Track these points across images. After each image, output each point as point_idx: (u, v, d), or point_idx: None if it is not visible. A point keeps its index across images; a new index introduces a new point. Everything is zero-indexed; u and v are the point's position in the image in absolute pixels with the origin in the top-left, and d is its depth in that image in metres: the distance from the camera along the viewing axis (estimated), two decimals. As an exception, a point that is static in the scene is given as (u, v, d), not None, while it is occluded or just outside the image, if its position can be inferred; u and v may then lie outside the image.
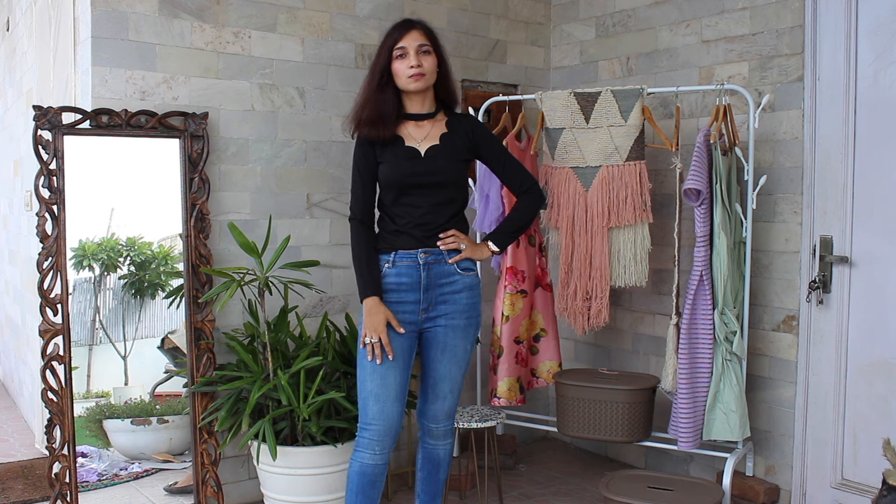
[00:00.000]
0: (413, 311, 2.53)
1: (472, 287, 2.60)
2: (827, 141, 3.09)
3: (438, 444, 2.70)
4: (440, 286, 2.54)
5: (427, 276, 2.52)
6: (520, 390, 3.60)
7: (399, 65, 2.47)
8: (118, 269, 3.12)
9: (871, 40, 2.95)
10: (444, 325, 2.55)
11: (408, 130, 2.54)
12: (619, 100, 3.28)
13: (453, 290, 2.56)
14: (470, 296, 2.59)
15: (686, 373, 3.11)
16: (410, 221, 2.51)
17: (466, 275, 2.58)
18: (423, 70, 2.46)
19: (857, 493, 3.01)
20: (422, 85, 2.49)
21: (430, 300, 2.54)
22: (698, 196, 3.03)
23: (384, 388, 2.47)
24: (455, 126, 2.58)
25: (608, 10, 3.95)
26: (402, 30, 2.48)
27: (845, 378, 3.06)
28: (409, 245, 2.51)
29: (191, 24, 3.11)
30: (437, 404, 2.63)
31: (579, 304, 3.42)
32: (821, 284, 3.10)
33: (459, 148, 2.55)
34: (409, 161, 2.51)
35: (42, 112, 2.80)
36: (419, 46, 2.47)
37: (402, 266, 2.52)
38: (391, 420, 2.49)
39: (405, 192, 2.52)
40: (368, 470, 2.50)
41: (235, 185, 3.25)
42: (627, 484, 2.92)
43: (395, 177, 2.51)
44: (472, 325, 2.61)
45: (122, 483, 3.08)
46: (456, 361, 2.59)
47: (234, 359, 3.12)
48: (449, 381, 2.61)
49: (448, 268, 2.54)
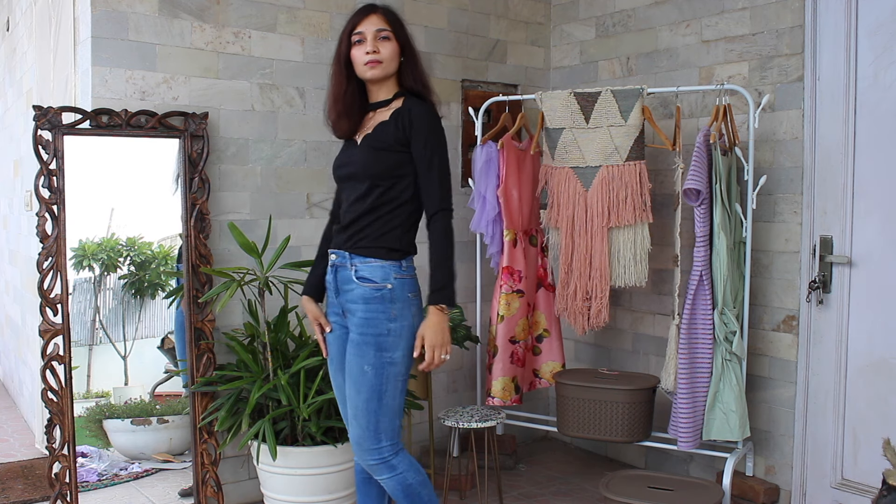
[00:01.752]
0: (338, 312, 2.38)
1: (369, 300, 2.26)
2: (827, 141, 3.09)
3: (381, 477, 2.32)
4: (344, 292, 2.33)
5: (335, 279, 2.35)
6: (515, 390, 3.60)
7: (357, 51, 2.30)
8: (118, 269, 3.12)
9: (871, 40, 2.95)
10: (348, 337, 2.34)
11: (365, 122, 2.37)
12: (619, 100, 3.28)
13: (351, 300, 2.30)
14: (366, 310, 2.26)
15: (686, 373, 3.11)
16: (339, 218, 2.39)
17: (363, 285, 2.27)
18: (380, 57, 2.27)
19: (857, 493, 3.01)
20: (379, 73, 2.29)
21: (342, 306, 2.35)
22: (698, 196, 3.03)
23: (336, 389, 2.46)
24: (400, 115, 2.29)
25: (608, 10, 3.95)
26: (361, 15, 2.32)
27: (845, 378, 3.06)
28: (333, 244, 2.39)
29: (191, 24, 3.11)
30: (350, 430, 2.34)
31: (579, 304, 3.42)
32: (821, 284, 3.10)
33: (387, 137, 2.27)
34: (343, 153, 2.39)
35: (42, 112, 2.80)
36: (377, 32, 2.28)
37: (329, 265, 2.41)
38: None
39: (339, 186, 2.42)
40: (357, 467, 2.51)
41: (235, 185, 3.25)
42: (627, 484, 2.92)
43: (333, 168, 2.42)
44: (370, 343, 2.25)
45: (122, 483, 3.08)
46: (352, 381, 2.28)
47: (234, 359, 3.12)
48: (352, 405, 2.28)
49: (347, 273, 2.30)
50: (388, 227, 2.28)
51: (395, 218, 2.29)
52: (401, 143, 2.27)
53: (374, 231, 2.28)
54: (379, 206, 2.27)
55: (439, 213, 2.26)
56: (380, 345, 2.25)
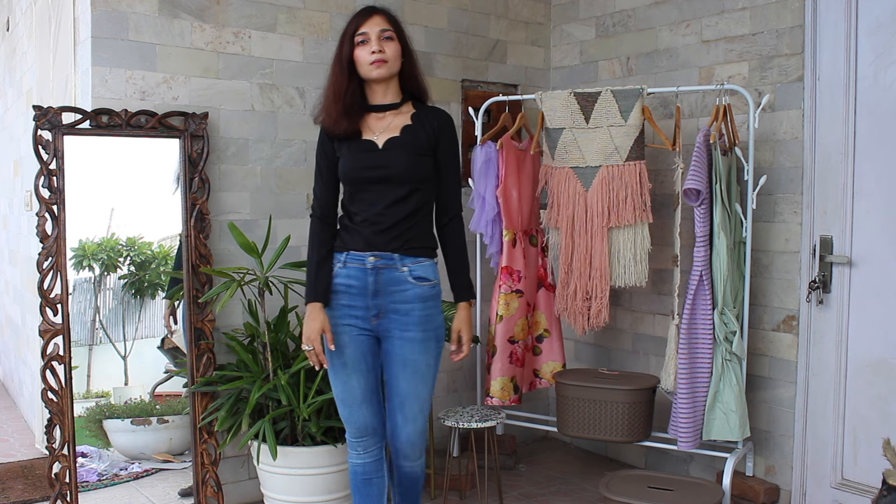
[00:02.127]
0: (363, 316, 2.39)
1: (426, 298, 2.39)
2: (827, 141, 3.09)
3: (415, 463, 2.49)
4: (390, 293, 2.37)
5: (375, 281, 2.36)
6: (514, 390, 3.60)
7: (361, 52, 2.33)
8: (118, 269, 3.12)
9: (871, 40, 2.95)
10: (400, 337, 2.38)
11: (368, 123, 2.39)
12: (619, 100, 3.28)
13: (404, 300, 2.37)
14: (424, 307, 2.38)
15: (686, 373, 3.11)
16: (365, 220, 2.36)
17: (419, 284, 2.37)
18: (385, 57, 2.32)
19: (857, 493, 3.01)
20: (384, 72, 2.33)
21: (381, 307, 2.38)
22: (698, 196, 3.03)
23: (348, 392, 2.41)
24: (422, 119, 2.40)
25: (608, 10, 3.95)
26: (364, 16, 2.35)
27: (845, 378, 3.06)
28: (359, 246, 2.37)
29: (191, 24, 3.11)
30: (406, 428, 2.41)
31: (579, 304, 3.42)
32: (821, 284, 3.10)
33: (421, 142, 2.37)
34: (364, 154, 2.36)
35: (42, 112, 2.80)
36: (381, 32, 2.32)
37: (352, 268, 2.38)
38: (363, 423, 2.43)
39: (361, 188, 2.37)
40: (359, 469, 2.49)
41: (235, 185, 3.25)
42: (627, 484, 2.92)
43: (350, 171, 2.37)
44: (432, 338, 2.40)
45: (122, 483, 3.08)
46: (420, 378, 2.39)
47: (234, 359, 3.12)
48: (417, 401, 2.40)
49: (399, 275, 2.36)
50: (428, 227, 2.43)
51: (430, 218, 2.44)
52: (431, 149, 2.40)
53: (420, 231, 2.39)
54: (421, 208, 2.39)
55: (458, 216, 2.47)
56: (439, 338, 2.43)
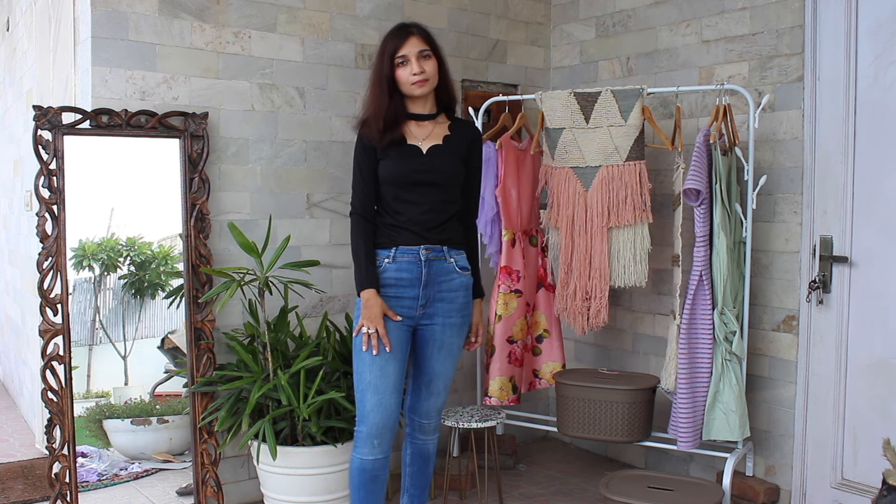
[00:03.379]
0: (411, 306, 2.57)
1: (468, 287, 2.67)
2: (827, 141, 3.09)
3: (429, 438, 2.75)
4: (439, 283, 2.59)
5: (427, 272, 2.56)
6: (512, 390, 3.60)
7: (402, 72, 2.52)
8: (118, 269, 3.12)
9: (871, 40, 2.95)
10: (442, 322, 2.61)
11: (409, 129, 2.59)
12: (619, 100, 3.28)
13: (451, 289, 2.61)
14: (465, 294, 2.66)
15: (685, 373, 3.11)
16: (411, 218, 2.55)
17: (463, 274, 2.64)
18: (427, 75, 2.52)
19: (857, 493, 3.01)
20: (427, 90, 2.55)
21: (429, 296, 2.58)
22: (698, 196, 3.03)
23: (383, 378, 2.51)
24: (458, 130, 2.65)
25: (608, 10, 3.95)
26: (401, 37, 2.52)
27: (845, 378, 3.06)
28: (410, 241, 2.55)
29: (191, 24, 3.11)
30: (430, 401, 2.69)
31: (578, 304, 3.42)
32: (821, 284, 3.10)
33: (461, 151, 2.62)
34: (411, 159, 2.55)
35: (42, 112, 2.80)
36: (420, 52, 2.52)
37: (403, 262, 2.55)
38: (389, 411, 2.52)
39: (406, 189, 2.55)
40: (368, 465, 2.52)
41: (235, 185, 3.25)
42: (627, 484, 2.92)
43: (398, 173, 2.55)
44: (466, 322, 2.70)
45: (122, 483, 3.08)
46: (452, 358, 2.67)
47: (234, 359, 3.12)
48: (444, 378, 2.68)
49: (447, 265, 2.60)
50: (461, 225, 2.68)
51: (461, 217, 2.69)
52: (466, 158, 2.65)
53: (459, 228, 2.66)
54: (458, 209, 2.65)
55: (475, 221, 2.78)
56: (469, 323, 2.72)
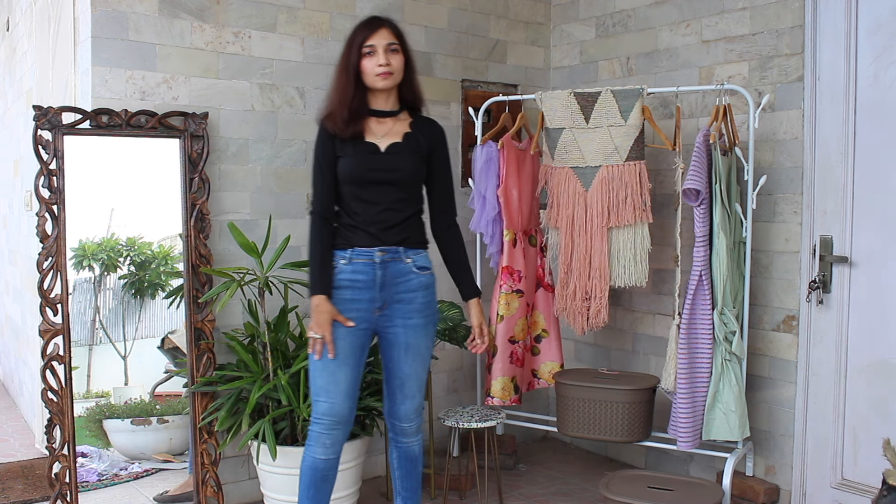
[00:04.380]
0: (367, 308, 2.53)
1: (428, 286, 2.61)
2: (827, 141, 3.09)
3: (412, 441, 2.70)
4: (395, 284, 2.54)
5: (383, 274, 2.52)
6: (514, 390, 3.60)
7: (368, 63, 2.47)
8: (118, 269, 3.12)
9: (871, 40, 2.95)
10: (403, 324, 2.56)
11: (369, 126, 2.54)
12: (619, 100, 3.28)
13: (408, 289, 2.56)
14: (426, 294, 2.59)
15: (685, 373, 3.11)
16: (367, 218, 2.51)
17: (422, 273, 2.58)
18: (392, 69, 2.48)
19: (857, 493, 3.01)
20: (390, 83, 2.49)
21: (386, 298, 2.54)
22: (697, 196, 3.03)
23: (334, 384, 2.49)
24: (419, 127, 2.59)
25: (608, 10, 3.95)
26: (371, 28, 2.49)
27: (845, 378, 3.06)
28: (365, 242, 2.51)
29: (191, 24, 3.11)
30: (405, 404, 2.63)
31: (578, 304, 3.42)
32: (821, 284, 3.10)
33: (420, 149, 2.57)
34: (368, 156, 2.51)
35: (42, 112, 2.80)
36: (388, 45, 2.48)
37: (359, 264, 2.51)
38: (341, 416, 2.51)
39: (363, 188, 2.51)
40: (320, 465, 2.52)
41: (235, 185, 3.25)
42: (627, 484, 2.92)
43: (354, 172, 2.50)
44: (431, 322, 2.63)
45: (122, 483, 3.08)
46: (420, 360, 2.62)
47: (234, 359, 3.12)
48: (416, 380, 2.62)
49: (404, 266, 2.54)
50: (422, 224, 2.63)
51: (422, 217, 2.64)
52: (427, 156, 2.59)
53: (418, 227, 2.61)
54: (418, 209, 2.60)
55: (456, 221, 2.69)
56: (435, 322, 2.66)
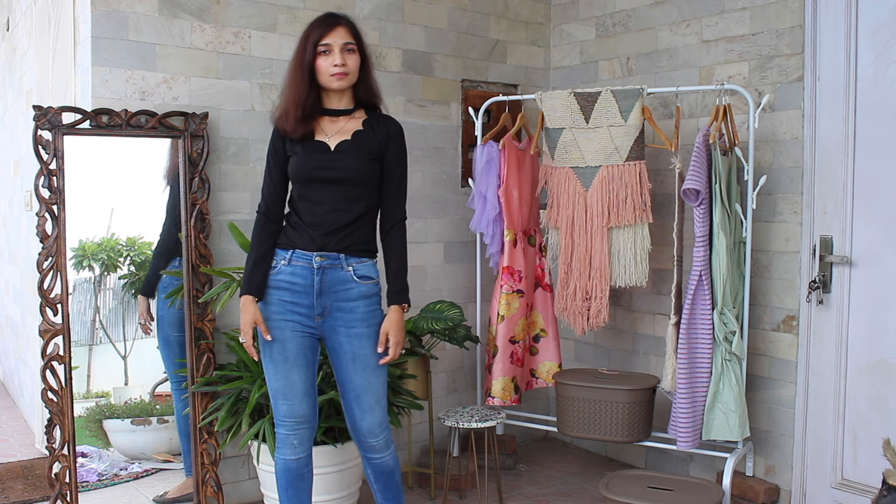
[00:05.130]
0: (307, 314, 2.45)
1: (370, 296, 2.48)
2: (827, 141, 3.09)
3: (384, 455, 2.55)
4: (335, 292, 2.44)
5: (321, 280, 2.43)
6: (514, 390, 3.60)
7: (322, 62, 2.41)
8: (118, 269, 3.12)
9: (871, 40, 2.95)
10: (346, 333, 2.45)
11: (321, 125, 2.47)
12: (619, 100, 3.28)
13: (348, 298, 2.45)
14: (368, 304, 2.47)
15: (685, 373, 3.11)
16: (313, 220, 2.43)
17: (363, 283, 2.46)
18: (347, 69, 2.41)
19: (857, 493, 3.01)
20: (345, 84, 2.43)
21: (325, 306, 2.45)
22: (697, 196, 3.03)
23: (289, 387, 2.46)
24: (373, 125, 2.50)
25: (608, 10, 3.95)
26: (328, 26, 2.42)
27: (845, 378, 3.06)
28: (306, 245, 2.43)
29: (191, 24, 3.11)
30: (366, 419, 2.49)
31: (579, 304, 3.42)
32: (821, 284, 3.10)
33: (371, 147, 2.46)
34: (316, 154, 2.44)
35: (42, 112, 2.80)
36: (344, 45, 2.41)
37: (298, 266, 2.44)
38: (303, 414, 2.49)
39: (309, 187, 2.44)
40: (292, 465, 2.51)
41: (235, 185, 3.25)
42: (627, 484, 2.92)
43: (300, 169, 2.44)
44: (377, 333, 2.48)
45: (122, 483, 3.08)
46: (371, 370, 2.47)
47: (234, 359, 3.12)
48: (372, 392, 2.48)
49: (344, 274, 2.44)
50: (371, 230, 2.51)
51: (373, 223, 2.53)
52: (380, 155, 2.49)
53: (364, 234, 2.48)
54: (368, 212, 2.48)
55: (402, 222, 2.54)
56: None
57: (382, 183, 2.50)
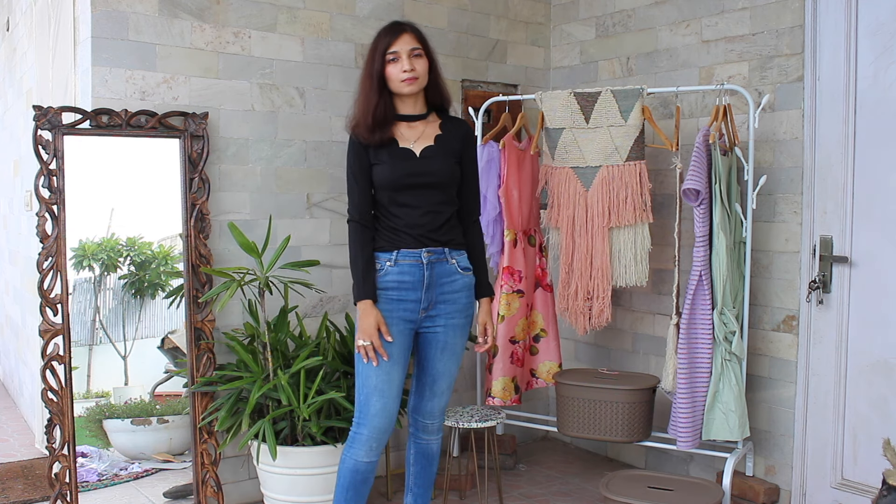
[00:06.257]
0: (414, 309, 2.55)
1: (470, 287, 2.65)
2: (827, 141, 3.09)
3: (432, 438, 2.75)
4: (441, 285, 2.57)
5: (430, 274, 2.55)
6: (514, 390, 3.60)
7: (392, 69, 2.49)
8: (118, 269, 3.12)
9: (871, 40, 2.95)
10: (444, 324, 2.60)
11: (400, 132, 2.56)
12: (619, 100, 3.28)
13: (453, 290, 2.59)
14: (468, 295, 2.64)
15: (685, 372, 3.11)
16: (410, 222, 2.53)
17: (466, 274, 2.63)
18: (417, 74, 2.49)
19: (857, 493, 3.01)
20: (416, 88, 2.51)
21: (431, 299, 2.57)
22: (697, 196, 3.03)
23: (388, 384, 2.51)
24: (450, 128, 2.61)
25: (608, 10, 3.95)
26: (394, 34, 2.50)
27: (845, 378, 3.06)
28: (411, 244, 2.53)
29: (191, 24, 3.11)
30: (433, 401, 2.68)
31: (580, 304, 3.43)
32: (821, 284, 3.10)
33: (454, 150, 2.59)
34: (404, 161, 2.53)
35: (42, 112, 2.80)
36: (411, 50, 2.49)
37: (405, 265, 2.53)
38: (391, 416, 2.54)
39: (402, 193, 2.53)
40: (362, 468, 2.52)
41: (235, 185, 3.25)
42: (627, 484, 2.92)
43: (392, 177, 2.52)
44: (469, 323, 2.68)
45: (122, 483, 3.08)
46: (455, 359, 2.66)
47: (234, 359, 3.12)
48: (447, 378, 2.67)
49: (449, 267, 2.58)
50: (459, 224, 2.65)
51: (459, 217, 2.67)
52: (459, 157, 2.62)
53: (456, 228, 2.63)
54: (456, 210, 2.63)
55: (478, 220, 2.72)
56: (471, 322, 2.70)
57: (462, 182, 2.64)
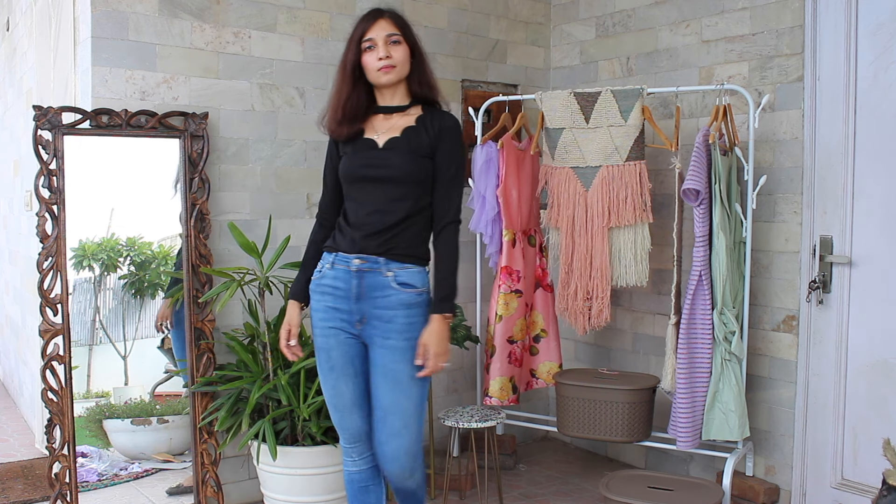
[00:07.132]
0: (348, 320, 2.29)
1: (411, 305, 2.26)
2: (827, 141, 3.09)
3: (407, 481, 2.36)
4: (373, 298, 2.26)
5: (358, 285, 2.27)
6: (512, 390, 3.60)
7: (368, 58, 2.28)
8: (118, 269, 3.12)
9: (871, 40, 2.95)
10: (382, 345, 2.26)
11: (374, 123, 2.35)
12: (619, 100, 3.28)
13: (386, 306, 2.25)
14: (408, 314, 2.25)
15: (685, 372, 3.11)
16: (355, 220, 2.30)
17: (403, 291, 2.26)
18: (394, 62, 2.27)
19: (857, 493, 3.01)
20: (393, 77, 2.29)
21: (363, 312, 2.27)
22: (697, 196, 3.03)
23: (337, 397, 2.34)
24: (427, 121, 2.33)
25: (608, 10, 3.95)
26: (370, 20, 2.30)
27: (845, 378, 3.06)
28: (347, 248, 2.29)
29: (191, 24, 3.11)
30: (391, 444, 2.27)
31: (580, 304, 3.42)
32: (821, 284, 3.10)
33: (421, 143, 2.29)
34: (363, 153, 2.31)
35: (42, 112, 2.80)
36: (388, 37, 2.27)
37: (339, 270, 2.29)
38: (354, 428, 2.35)
39: (354, 186, 2.32)
40: (354, 476, 2.43)
41: (235, 185, 3.25)
42: (627, 484, 2.92)
43: (346, 168, 2.32)
44: (414, 347, 2.25)
45: (122, 483, 3.08)
46: (401, 389, 2.25)
47: (234, 359, 3.12)
48: (399, 415, 2.25)
49: (383, 280, 2.25)
50: (419, 234, 2.32)
51: (425, 224, 2.33)
52: (432, 151, 2.30)
53: (410, 237, 2.29)
54: (415, 213, 2.29)
55: (452, 224, 2.31)
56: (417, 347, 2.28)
57: (434, 181, 2.31)
